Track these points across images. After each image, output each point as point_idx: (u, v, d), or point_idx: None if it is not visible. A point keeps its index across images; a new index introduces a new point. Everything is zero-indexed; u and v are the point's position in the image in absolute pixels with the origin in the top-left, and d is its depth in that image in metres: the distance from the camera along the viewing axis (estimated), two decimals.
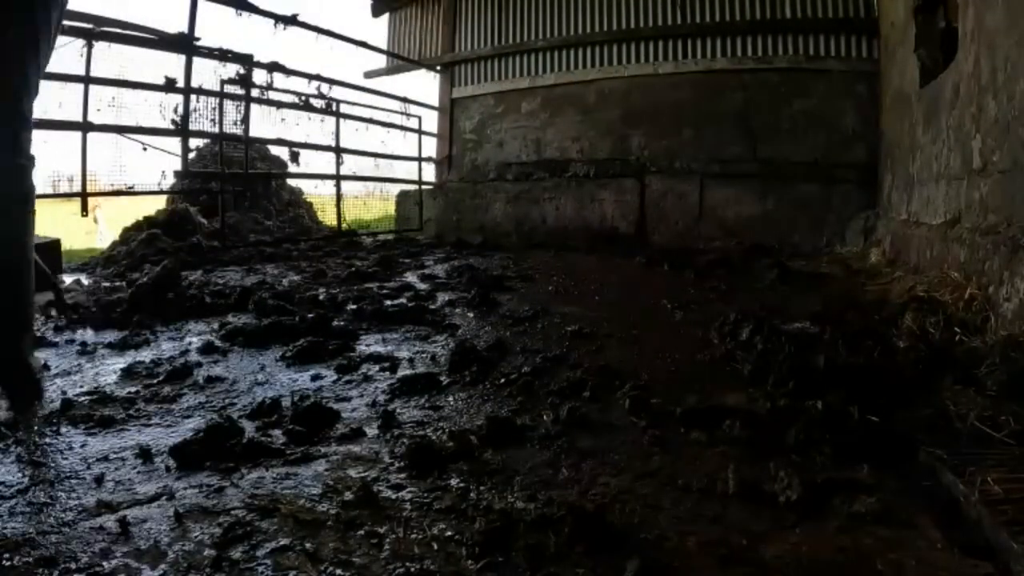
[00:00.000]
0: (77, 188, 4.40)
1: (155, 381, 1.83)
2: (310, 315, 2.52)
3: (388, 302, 3.00)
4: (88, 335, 2.41)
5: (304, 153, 6.21)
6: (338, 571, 0.90)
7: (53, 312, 2.68)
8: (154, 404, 1.64)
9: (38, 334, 2.37)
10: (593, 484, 1.18)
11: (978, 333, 2.00)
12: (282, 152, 6.68)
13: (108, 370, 1.96)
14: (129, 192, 4.90)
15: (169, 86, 4.79)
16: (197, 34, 4.84)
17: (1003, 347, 1.74)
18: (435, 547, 0.97)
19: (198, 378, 1.85)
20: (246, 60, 5.27)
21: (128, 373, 1.90)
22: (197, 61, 4.92)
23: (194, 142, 5.42)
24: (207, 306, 2.85)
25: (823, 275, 3.73)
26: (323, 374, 1.90)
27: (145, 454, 1.29)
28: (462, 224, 7.19)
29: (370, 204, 8.22)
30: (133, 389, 1.76)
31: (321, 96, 6.24)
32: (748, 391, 1.69)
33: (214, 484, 1.16)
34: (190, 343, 2.28)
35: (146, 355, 2.11)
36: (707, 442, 1.38)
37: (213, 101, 5.13)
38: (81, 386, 1.78)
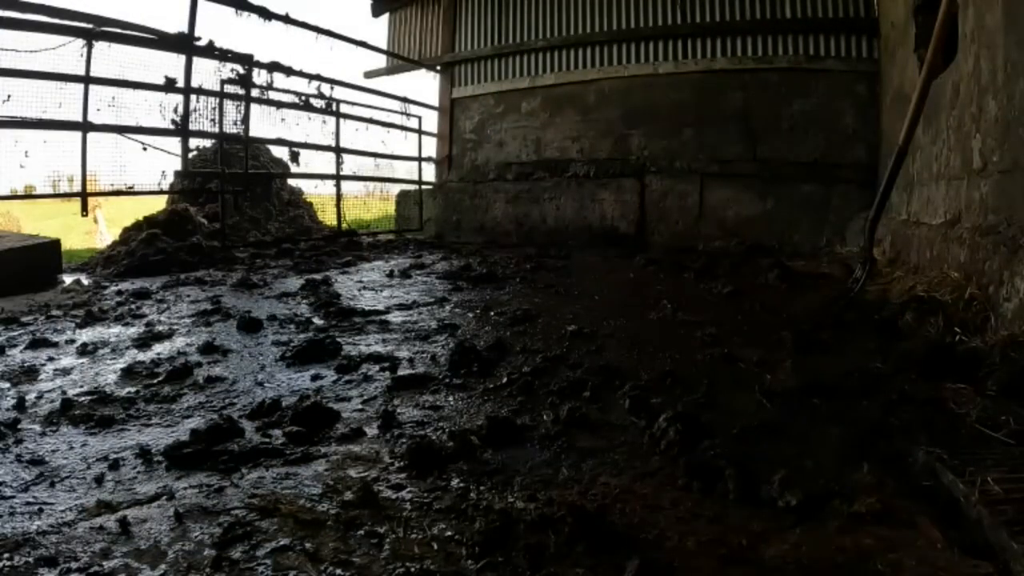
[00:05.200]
0: (77, 188, 4.40)
1: (155, 381, 1.83)
2: (308, 315, 2.52)
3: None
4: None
5: (304, 153, 6.21)
6: (338, 571, 0.90)
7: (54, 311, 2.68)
8: (154, 404, 1.64)
9: (37, 334, 2.37)
10: (593, 484, 1.18)
11: (978, 333, 2.00)
12: (282, 152, 6.68)
13: (108, 369, 1.96)
14: (129, 192, 4.90)
15: (169, 86, 4.79)
16: (197, 34, 4.85)
17: (1003, 347, 1.74)
18: (435, 547, 0.97)
19: (198, 378, 1.85)
20: (246, 60, 5.27)
21: (128, 372, 1.91)
22: (197, 61, 4.92)
23: (194, 142, 5.41)
24: None
25: (823, 275, 3.73)
26: (323, 374, 1.90)
27: (145, 454, 1.29)
28: (462, 224, 7.19)
29: (370, 204, 8.22)
30: (133, 389, 1.76)
31: (321, 96, 6.24)
32: (752, 391, 1.69)
33: (214, 484, 1.16)
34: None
35: (146, 355, 2.12)
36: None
37: (213, 101, 5.13)
38: (81, 386, 1.78)
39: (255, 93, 5.53)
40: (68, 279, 3.94)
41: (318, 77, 6.15)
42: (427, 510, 1.08)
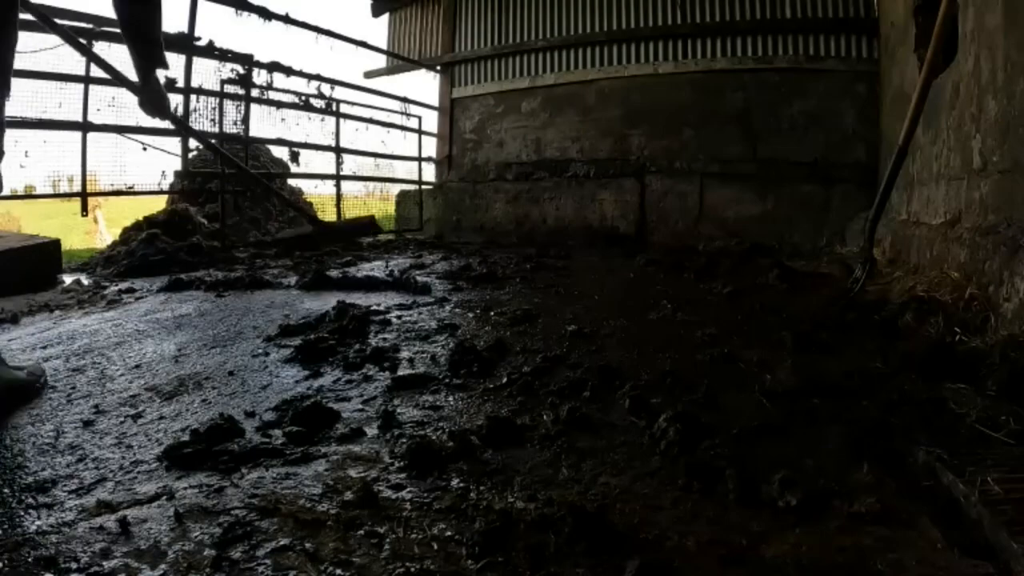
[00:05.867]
0: (77, 188, 4.40)
1: (156, 380, 1.83)
2: (309, 315, 2.53)
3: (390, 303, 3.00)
4: None
5: (304, 153, 6.22)
6: (338, 571, 0.90)
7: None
8: (156, 402, 1.64)
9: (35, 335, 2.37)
10: (593, 484, 1.18)
11: (978, 333, 2.00)
12: (282, 152, 6.69)
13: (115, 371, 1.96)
14: (129, 192, 4.90)
15: (169, 86, 4.79)
16: (197, 34, 4.85)
17: (1003, 347, 1.74)
18: (435, 547, 0.97)
19: (199, 377, 1.85)
20: (246, 60, 5.28)
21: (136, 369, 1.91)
22: (197, 61, 4.93)
23: (194, 142, 5.41)
24: None
25: (823, 275, 3.73)
26: (323, 372, 1.90)
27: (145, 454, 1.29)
28: (462, 224, 7.19)
29: (370, 204, 8.22)
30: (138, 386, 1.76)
31: (321, 96, 6.24)
32: (753, 391, 1.69)
33: (214, 484, 1.15)
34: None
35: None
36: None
37: (213, 101, 5.13)
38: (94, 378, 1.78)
39: (255, 93, 5.53)
40: (68, 279, 3.94)
41: (318, 77, 6.15)
42: (427, 510, 1.08)
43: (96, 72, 4.29)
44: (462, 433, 1.38)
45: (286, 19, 5.53)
